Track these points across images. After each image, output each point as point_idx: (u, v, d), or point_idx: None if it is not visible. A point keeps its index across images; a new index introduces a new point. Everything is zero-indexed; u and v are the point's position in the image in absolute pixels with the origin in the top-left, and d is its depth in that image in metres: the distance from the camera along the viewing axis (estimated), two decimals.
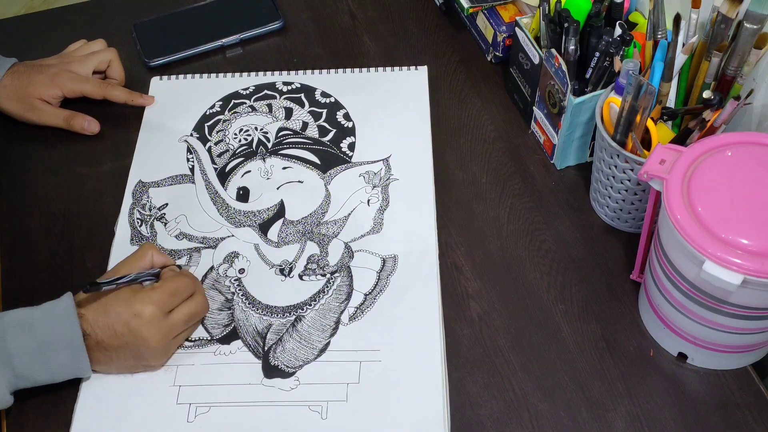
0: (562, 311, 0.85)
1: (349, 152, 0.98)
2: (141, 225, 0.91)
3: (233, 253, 0.89)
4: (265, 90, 1.04)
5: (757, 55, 0.79)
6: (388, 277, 0.87)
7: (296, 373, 0.80)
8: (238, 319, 0.84)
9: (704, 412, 0.78)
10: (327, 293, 0.86)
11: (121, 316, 0.76)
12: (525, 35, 0.94)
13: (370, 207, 0.93)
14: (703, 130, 0.79)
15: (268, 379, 0.80)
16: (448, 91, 1.05)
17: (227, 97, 1.03)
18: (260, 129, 1.00)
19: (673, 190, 0.71)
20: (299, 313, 0.84)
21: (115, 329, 0.76)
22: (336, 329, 0.83)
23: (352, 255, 0.89)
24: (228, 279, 0.87)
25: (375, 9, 1.14)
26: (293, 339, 0.83)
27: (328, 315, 0.84)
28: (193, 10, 1.14)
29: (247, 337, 0.83)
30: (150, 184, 0.95)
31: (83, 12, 1.15)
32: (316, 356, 0.82)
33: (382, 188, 0.94)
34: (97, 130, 1.00)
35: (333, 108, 1.02)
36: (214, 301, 0.85)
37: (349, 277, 0.87)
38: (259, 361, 0.81)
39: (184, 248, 0.90)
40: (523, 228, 0.92)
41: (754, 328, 0.74)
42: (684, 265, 0.72)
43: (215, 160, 0.97)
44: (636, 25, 0.93)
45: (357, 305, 0.85)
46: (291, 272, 0.88)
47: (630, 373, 0.81)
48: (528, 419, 0.78)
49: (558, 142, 0.93)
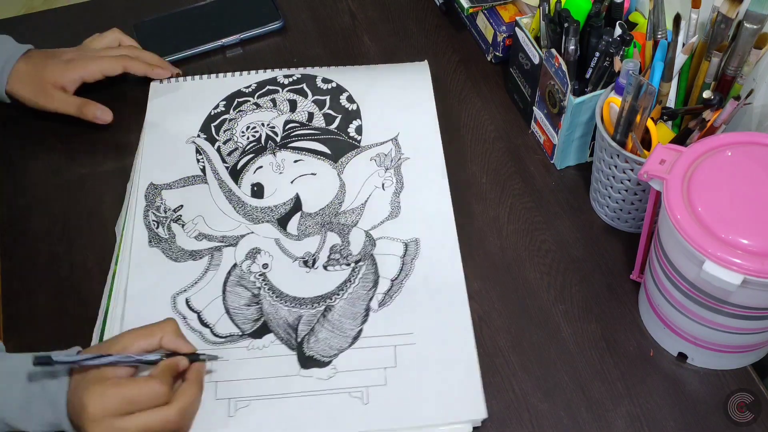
0: (562, 311, 0.85)
1: (357, 136, 0.99)
2: (158, 227, 0.91)
3: (255, 249, 0.89)
4: (267, 86, 1.04)
5: (757, 55, 0.79)
6: (413, 262, 0.88)
7: (332, 361, 0.81)
8: (268, 313, 0.85)
9: (704, 412, 0.78)
10: (354, 282, 0.86)
11: (75, 399, 0.70)
12: (525, 35, 0.94)
13: (386, 191, 0.94)
14: (703, 130, 0.79)
15: (305, 370, 0.80)
16: (448, 91, 1.05)
17: (230, 96, 1.04)
18: (267, 124, 1.00)
19: (673, 190, 0.71)
20: (328, 303, 0.85)
21: (73, 411, 0.71)
22: (367, 316, 0.84)
23: (374, 243, 0.89)
24: (252, 275, 0.87)
25: (375, 9, 1.14)
26: (325, 329, 0.83)
27: (357, 303, 0.85)
28: (193, 10, 1.14)
29: (279, 330, 0.83)
30: (162, 186, 0.94)
31: (83, 12, 1.15)
32: (350, 344, 0.82)
33: (395, 170, 0.95)
34: (110, 119, 1.00)
35: (335, 92, 1.03)
36: (241, 298, 0.86)
37: (374, 265, 0.88)
38: (294, 352, 0.82)
39: (205, 248, 0.90)
40: (523, 228, 0.92)
41: (754, 328, 0.74)
42: (684, 265, 0.72)
43: (225, 159, 0.97)
44: (636, 25, 0.93)
45: (385, 291, 0.86)
46: (315, 264, 0.88)
47: (630, 373, 0.81)
48: (528, 419, 0.78)
49: (558, 142, 0.93)
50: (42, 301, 0.87)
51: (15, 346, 0.83)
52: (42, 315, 0.86)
